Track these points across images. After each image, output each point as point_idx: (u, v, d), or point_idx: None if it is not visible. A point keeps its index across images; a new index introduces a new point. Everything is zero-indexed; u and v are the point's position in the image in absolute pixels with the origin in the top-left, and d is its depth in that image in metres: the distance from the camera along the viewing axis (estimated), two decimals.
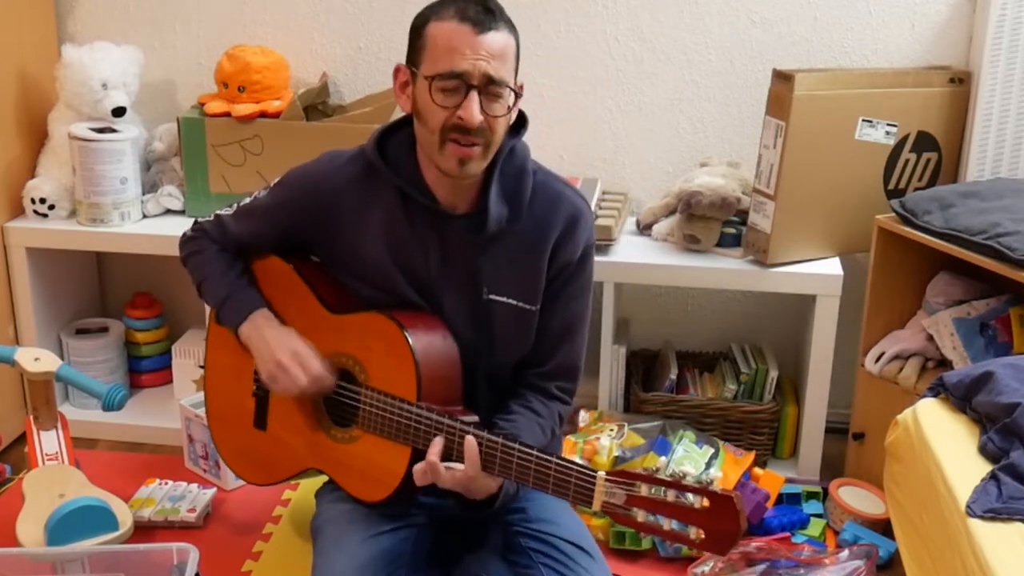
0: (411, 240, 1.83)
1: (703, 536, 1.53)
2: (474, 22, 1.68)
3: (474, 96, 1.68)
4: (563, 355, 1.91)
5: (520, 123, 1.86)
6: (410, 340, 1.77)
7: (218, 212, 2.01)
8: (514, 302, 1.85)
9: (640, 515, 1.57)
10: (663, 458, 2.35)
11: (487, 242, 1.81)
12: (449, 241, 1.83)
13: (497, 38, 1.69)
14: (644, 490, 1.57)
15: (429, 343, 1.80)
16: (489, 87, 1.69)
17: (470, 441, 1.69)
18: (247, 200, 1.97)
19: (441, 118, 1.71)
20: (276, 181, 1.94)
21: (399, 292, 1.85)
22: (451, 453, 1.71)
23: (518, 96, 1.76)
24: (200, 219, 2.04)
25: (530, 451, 1.66)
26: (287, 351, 1.85)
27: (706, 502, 1.52)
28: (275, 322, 1.92)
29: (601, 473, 1.61)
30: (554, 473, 1.64)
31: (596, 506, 1.61)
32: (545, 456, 1.66)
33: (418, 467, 1.72)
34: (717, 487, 1.53)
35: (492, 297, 1.84)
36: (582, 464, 1.64)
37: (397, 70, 1.81)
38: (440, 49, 1.70)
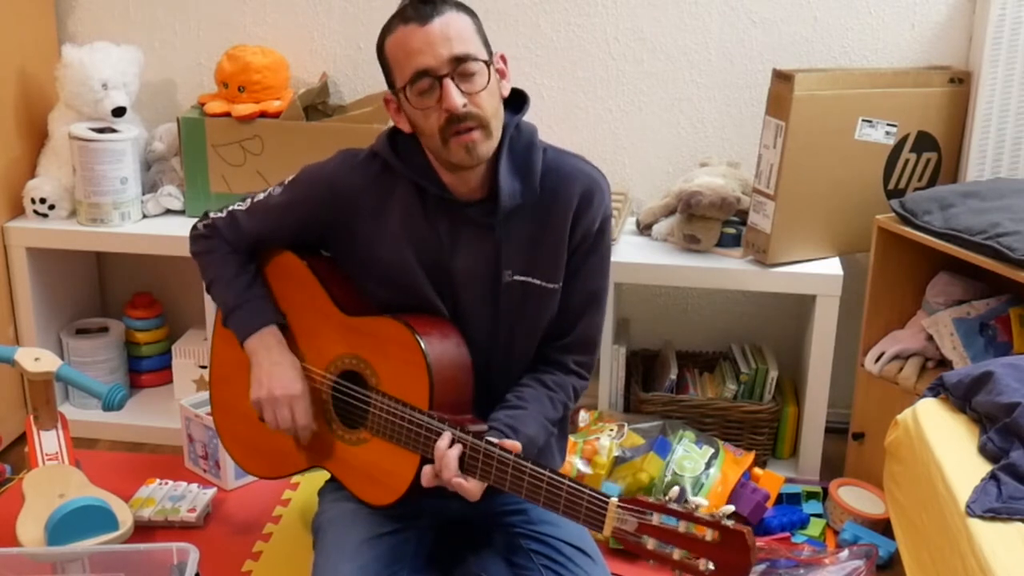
0: (429, 233, 1.83)
1: (712, 569, 1.52)
2: (416, 18, 1.70)
3: (448, 84, 1.69)
4: (582, 328, 1.90)
5: (522, 101, 1.86)
6: (424, 347, 1.77)
7: (231, 208, 1.99)
8: (538, 281, 1.84)
9: (650, 543, 1.56)
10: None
11: (504, 222, 1.81)
12: (466, 229, 1.83)
13: (445, 21, 1.70)
14: (656, 519, 1.56)
15: (443, 351, 1.80)
16: (458, 69, 1.69)
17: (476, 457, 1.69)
18: (260, 196, 1.96)
19: (433, 121, 1.72)
20: (290, 179, 1.93)
21: (417, 288, 1.84)
22: (461, 464, 1.71)
23: (494, 65, 1.75)
24: (212, 213, 2.01)
25: (542, 471, 1.66)
26: (285, 390, 1.86)
27: (717, 535, 1.52)
28: (284, 345, 1.91)
29: (614, 499, 1.60)
30: (565, 495, 1.64)
31: (607, 532, 1.60)
32: (556, 478, 1.65)
33: (428, 470, 1.71)
34: (729, 521, 1.52)
35: (515, 279, 1.83)
36: (594, 489, 1.63)
37: (386, 101, 1.83)
38: (401, 59, 1.72)
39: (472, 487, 1.70)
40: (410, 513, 1.87)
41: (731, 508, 1.56)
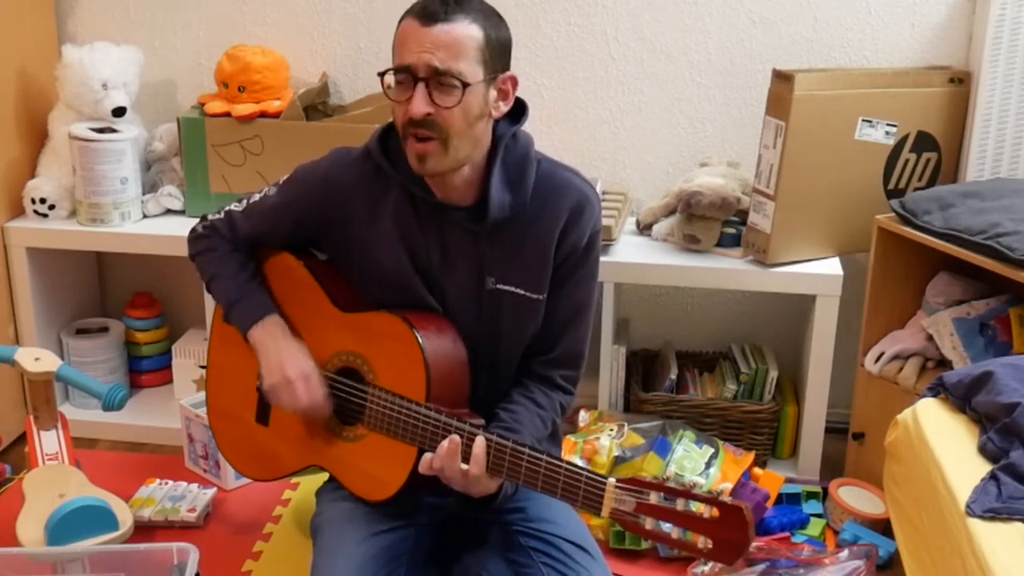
0: (419, 235, 1.83)
1: (711, 546, 1.53)
2: (424, 15, 1.69)
3: (418, 88, 1.68)
4: (568, 342, 1.90)
5: (520, 112, 1.85)
6: (421, 341, 1.77)
7: (228, 208, 2.00)
8: (520, 291, 1.84)
9: (648, 523, 1.57)
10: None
11: (491, 231, 1.81)
12: (452, 233, 1.83)
13: (448, 29, 1.68)
14: (654, 498, 1.57)
15: (439, 345, 1.80)
16: (436, 78, 1.68)
17: (479, 442, 1.69)
18: (256, 197, 1.96)
19: (400, 113, 1.73)
20: (285, 178, 1.94)
21: (412, 288, 1.84)
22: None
23: (494, 85, 1.74)
24: (210, 215, 2.02)
25: (539, 455, 1.66)
26: (298, 370, 1.85)
27: (715, 512, 1.52)
28: (288, 332, 1.91)
29: (611, 480, 1.60)
30: (563, 478, 1.64)
31: (605, 513, 1.60)
32: (555, 461, 1.65)
33: (427, 457, 1.71)
34: (727, 498, 1.53)
35: (498, 287, 1.84)
36: (592, 471, 1.64)
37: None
38: (397, 46, 1.73)
39: (477, 484, 1.70)
40: (408, 511, 1.87)
41: (729, 486, 1.55)
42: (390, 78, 1.73)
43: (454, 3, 1.69)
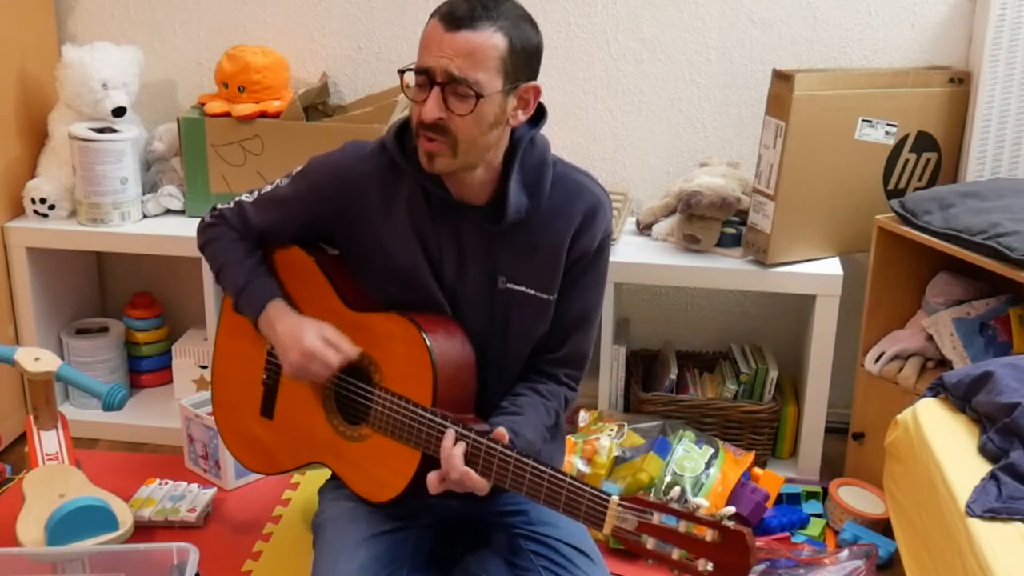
0: (431, 231, 1.83)
1: (711, 569, 1.53)
2: (449, 20, 1.67)
3: (434, 92, 1.69)
4: (574, 344, 1.91)
5: (539, 115, 1.85)
6: (429, 345, 1.77)
7: (239, 199, 1.98)
8: (531, 291, 1.84)
9: (650, 542, 1.57)
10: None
11: (505, 232, 1.81)
12: (466, 232, 1.83)
13: (471, 37, 1.66)
14: (656, 518, 1.57)
15: (448, 349, 1.80)
16: (451, 85, 1.68)
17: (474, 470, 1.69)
18: (268, 188, 1.95)
19: (415, 113, 1.73)
20: (298, 170, 1.93)
21: (423, 284, 1.84)
22: (464, 460, 1.71)
23: (514, 94, 1.74)
24: (220, 205, 2.01)
25: (543, 469, 1.66)
26: (314, 334, 1.83)
27: (717, 535, 1.52)
28: (289, 311, 1.89)
29: (614, 497, 1.60)
30: (566, 493, 1.64)
31: (607, 530, 1.61)
32: (557, 475, 1.65)
33: (434, 476, 1.71)
34: (729, 522, 1.53)
35: (509, 286, 1.84)
36: (595, 487, 1.64)
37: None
38: (421, 46, 1.72)
39: (481, 481, 1.70)
40: (410, 512, 1.87)
41: (732, 509, 1.56)
42: (409, 77, 1.73)
43: (482, 8, 1.67)
